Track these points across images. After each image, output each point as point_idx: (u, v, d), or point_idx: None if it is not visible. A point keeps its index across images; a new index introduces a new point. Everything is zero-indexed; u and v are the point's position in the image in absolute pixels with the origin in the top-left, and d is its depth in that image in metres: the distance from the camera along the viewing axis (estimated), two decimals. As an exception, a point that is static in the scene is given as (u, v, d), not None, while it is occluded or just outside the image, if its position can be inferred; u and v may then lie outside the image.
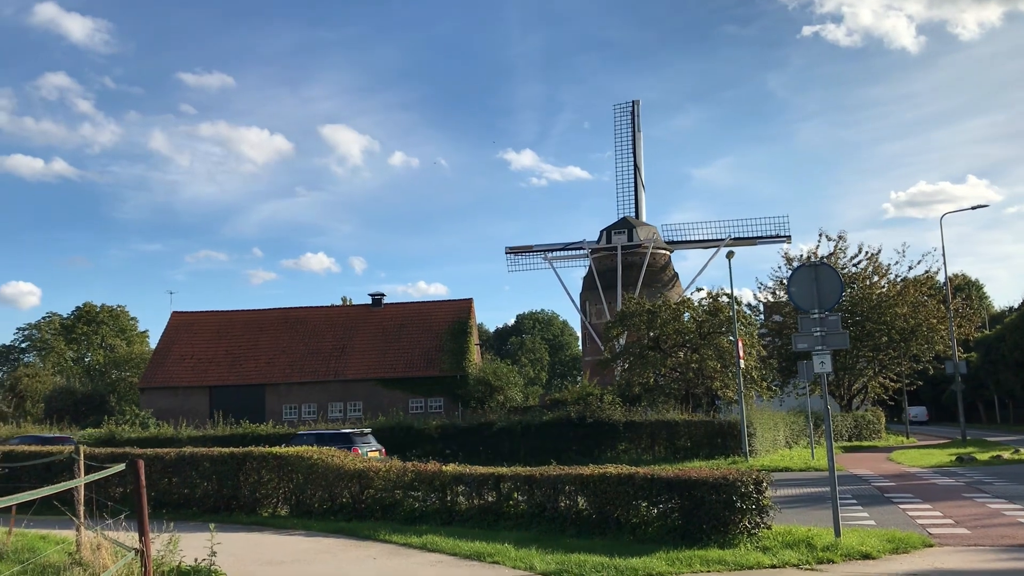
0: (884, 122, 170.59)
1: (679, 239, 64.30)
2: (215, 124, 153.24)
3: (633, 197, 65.17)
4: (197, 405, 50.62)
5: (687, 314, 38.43)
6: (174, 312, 58.90)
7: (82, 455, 11.56)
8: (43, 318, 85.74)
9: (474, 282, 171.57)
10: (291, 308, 58.71)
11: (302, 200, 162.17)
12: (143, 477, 8.07)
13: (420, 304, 59.67)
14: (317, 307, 59.64)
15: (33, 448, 21.42)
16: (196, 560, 8.96)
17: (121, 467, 9.18)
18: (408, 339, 54.35)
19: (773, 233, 61.51)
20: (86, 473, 10.96)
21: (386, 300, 58.52)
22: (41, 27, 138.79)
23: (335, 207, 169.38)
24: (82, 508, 11.13)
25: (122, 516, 10.19)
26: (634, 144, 65.56)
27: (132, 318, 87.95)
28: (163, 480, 17.64)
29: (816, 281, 12.72)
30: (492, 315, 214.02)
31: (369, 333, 55.20)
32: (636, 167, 65.28)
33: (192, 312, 58.89)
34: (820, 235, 52.20)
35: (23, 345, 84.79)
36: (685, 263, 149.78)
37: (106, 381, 66.43)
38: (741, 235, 61.78)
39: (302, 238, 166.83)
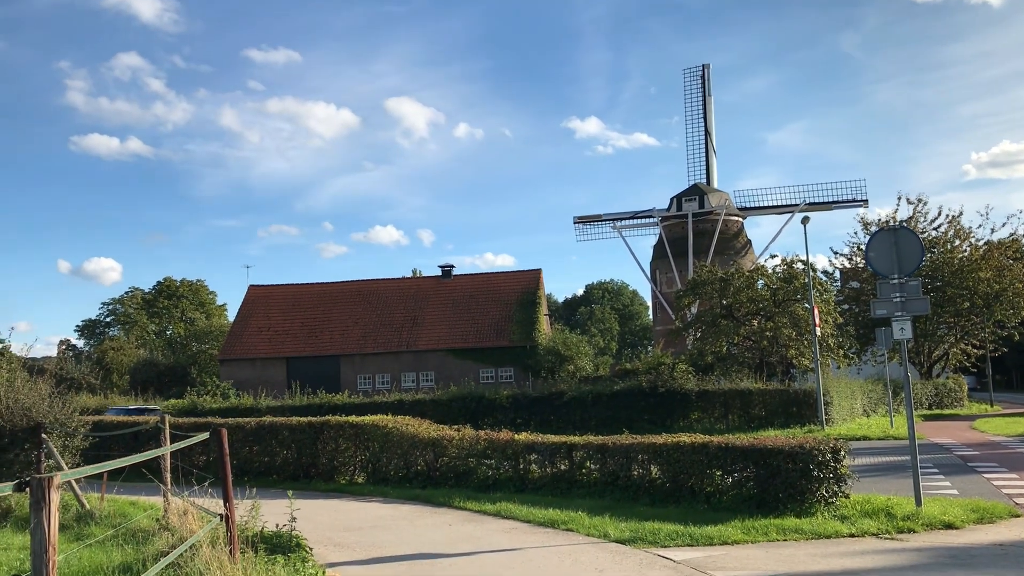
0: (964, 81, 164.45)
1: (752, 205, 63.15)
2: (282, 100, 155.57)
3: (704, 163, 64.14)
4: (274, 376, 51.87)
5: (761, 281, 37.83)
6: (251, 286, 60.30)
7: (167, 425, 11.97)
8: (126, 293, 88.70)
9: (541, 253, 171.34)
10: (363, 280, 59.53)
11: (371, 174, 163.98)
12: (226, 445, 8.30)
13: (489, 275, 59.90)
14: (388, 279, 60.37)
15: (121, 418, 22.24)
16: (277, 526, 9.21)
17: (205, 436, 9.46)
18: (478, 310, 54.69)
19: (849, 198, 59.94)
20: (171, 442, 11.34)
21: (455, 272, 58.93)
22: (112, 9, 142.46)
23: (403, 180, 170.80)
24: (168, 475, 11.55)
25: (206, 483, 10.53)
26: (705, 109, 64.39)
27: (211, 292, 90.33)
28: (244, 448, 18.17)
29: (895, 245, 12.36)
30: (561, 286, 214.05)
31: (439, 304, 55.69)
32: (707, 132, 64.15)
33: (268, 285, 60.18)
34: (899, 198, 50.78)
35: (108, 319, 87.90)
36: (758, 230, 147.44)
37: (187, 353, 68.40)
38: (816, 200, 60.33)
39: (371, 212, 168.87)
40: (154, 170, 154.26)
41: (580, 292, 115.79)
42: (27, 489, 3.97)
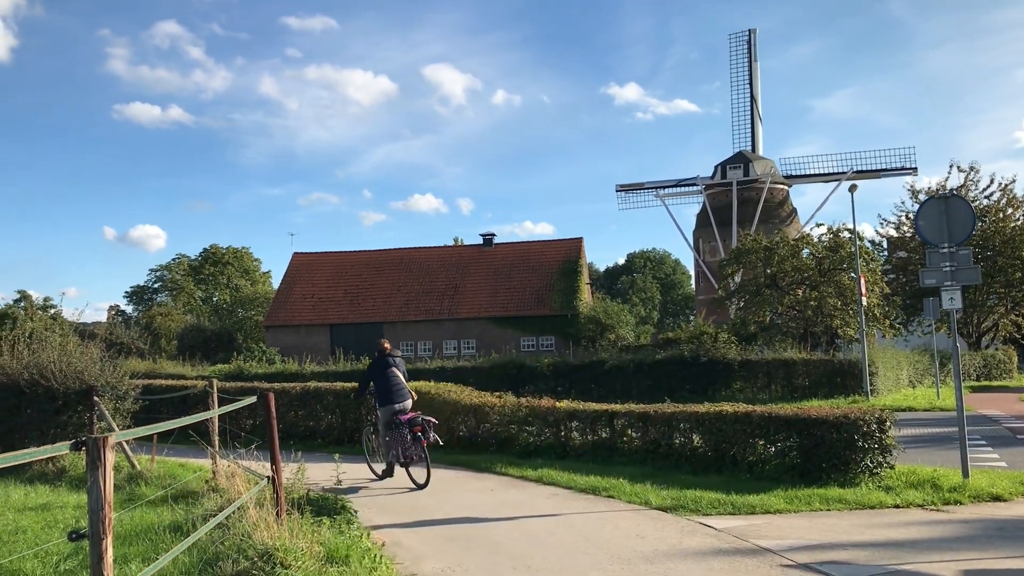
0: (1018, 46, 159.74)
1: (798, 173, 62.19)
2: (320, 67, 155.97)
3: (749, 130, 63.21)
4: (318, 342, 52.54)
5: (806, 250, 37.37)
6: (295, 253, 60.99)
7: (215, 389, 12.19)
8: (173, 260, 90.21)
9: (581, 221, 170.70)
10: (405, 249, 59.85)
11: (410, 142, 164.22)
12: (273, 409, 8.43)
13: (530, 243, 59.88)
14: (430, 247, 60.62)
15: (170, 382, 22.69)
16: (323, 488, 9.36)
17: (252, 399, 9.62)
18: (519, 278, 54.75)
19: (898, 165, 58.78)
20: (218, 406, 11.55)
21: (496, 240, 58.97)
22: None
23: (441, 148, 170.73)
24: (216, 438, 11.79)
25: (253, 446, 10.73)
26: (751, 75, 63.35)
27: (255, 259, 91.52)
28: (289, 413, 18.44)
29: (946, 214, 12.11)
30: (601, 254, 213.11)
31: (481, 272, 55.85)
32: (753, 99, 63.16)
33: (312, 253, 60.79)
34: (951, 166, 49.59)
35: (155, 285, 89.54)
36: (804, 198, 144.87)
37: (233, 319, 69.51)
38: (863, 168, 59.26)
39: (410, 180, 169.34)
40: (195, 138, 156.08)
41: (621, 261, 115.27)
42: (83, 449, 4.08)
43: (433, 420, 12.69)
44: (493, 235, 58.97)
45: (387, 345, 13.55)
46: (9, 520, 9.45)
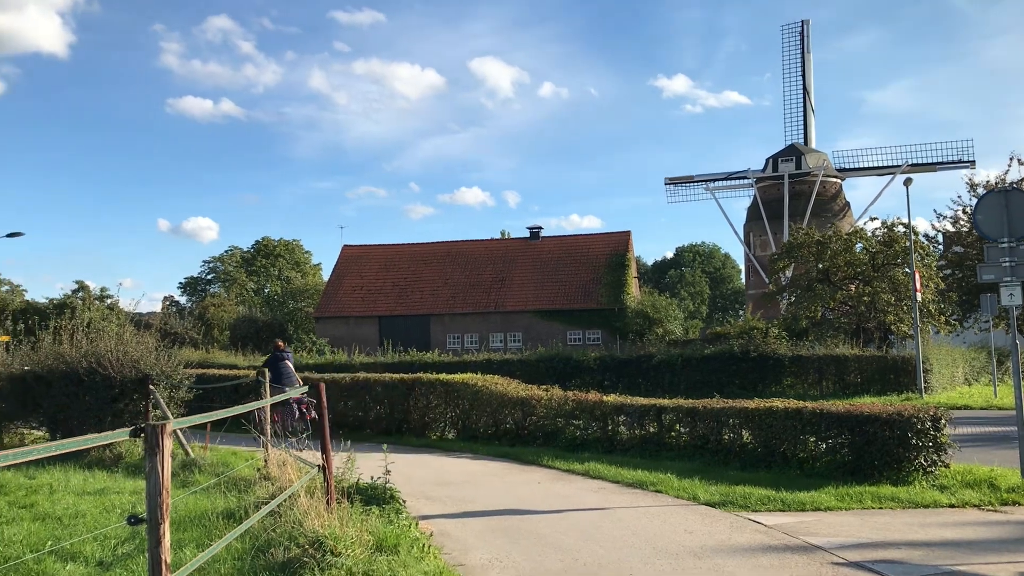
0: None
1: (851, 166, 61.09)
2: (368, 61, 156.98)
3: (802, 123, 62.21)
4: (367, 334, 53.00)
5: (859, 245, 36.75)
6: (345, 246, 61.54)
7: (267, 378, 12.37)
8: (226, 251, 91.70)
9: (628, 214, 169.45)
10: (452, 241, 60.09)
11: (457, 136, 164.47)
12: (324, 399, 8.54)
13: (577, 237, 59.70)
14: (477, 240, 60.77)
15: (222, 372, 23.10)
16: (372, 478, 9.46)
17: (304, 389, 9.76)
18: (566, 272, 54.64)
19: (955, 159, 57.37)
20: (270, 395, 11.73)
21: (543, 233, 58.92)
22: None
23: (488, 141, 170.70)
24: (268, 427, 11.96)
25: (304, 435, 10.89)
26: (803, 66, 62.32)
27: (306, 251, 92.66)
28: (339, 403, 18.67)
29: (1006, 208, 11.81)
30: (649, 248, 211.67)
31: (527, 266, 55.85)
32: (805, 91, 62.15)
33: (361, 246, 61.32)
34: (1011, 159, 48.14)
35: (209, 277, 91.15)
36: (857, 192, 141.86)
37: (284, 310, 70.42)
38: (919, 161, 57.96)
39: (457, 173, 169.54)
40: (247, 131, 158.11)
41: (670, 255, 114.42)
42: (142, 435, 4.17)
43: (313, 400, 13.35)
44: (540, 228, 58.92)
45: (281, 344, 17.31)
46: (69, 504, 9.71)
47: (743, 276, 76.16)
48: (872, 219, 38.80)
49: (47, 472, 11.80)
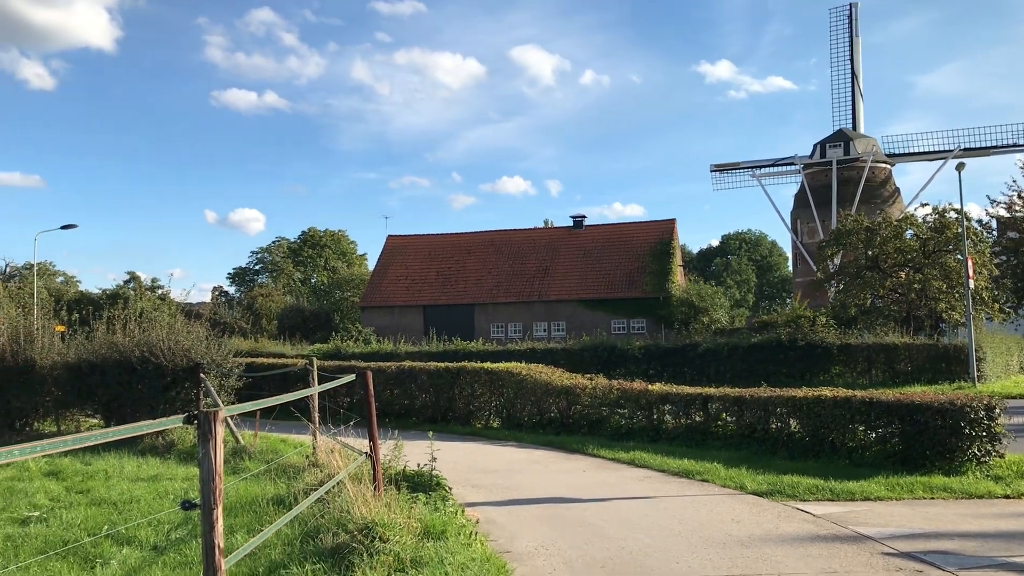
0: None
1: (901, 151, 59.96)
2: (410, 51, 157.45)
3: (850, 108, 61.15)
4: (412, 323, 53.36)
5: (910, 231, 36.10)
6: (389, 236, 62.03)
7: (315, 367, 12.52)
8: (273, 242, 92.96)
9: (673, 202, 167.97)
10: (496, 231, 60.18)
11: (498, 125, 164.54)
12: (371, 387, 8.62)
13: (621, 225, 59.41)
14: (520, 230, 60.80)
15: (271, 360, 23.42)
16: (419, 465, 9.54)
17: (351, 378, 9.86)
18: (610, 260, 54.43)
19: (1009, 142, 56.01)
20: (318, 384, 11.86)
21: (586, 222, 58.71)
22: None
23: (530, 130, 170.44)
24: (316, 415, 12.11)
25: (351, 423, 11.00)
26: (851, 51, 61.21)
27: (351, 242, 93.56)
28: (385, 391, 18.83)
29: (1064, 192, 11.52)
30: (694, 236, 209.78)
31: (571, 255, 55.74)
32: (854, 75, 61.05)
33: (405, 236, 61.68)
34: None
35: (256, 267, 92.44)
36: (907, 178, 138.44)
37: (330, 300, 71.10)
38: (971, 145, 56.70)
39: (499, 162, 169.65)
40: (291, 123, 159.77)
41: (715, 243, 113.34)
42: (195, 422, 4.25)
43: None
44: (584, 217, 58.73)
45: None
46: (124, 489, 9.94)
47: (790, 264, 75.30)
48: (923, 205, 37.99)
49: (102, 459, 12.08)
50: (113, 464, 11.76)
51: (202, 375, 14.00)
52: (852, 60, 61.19)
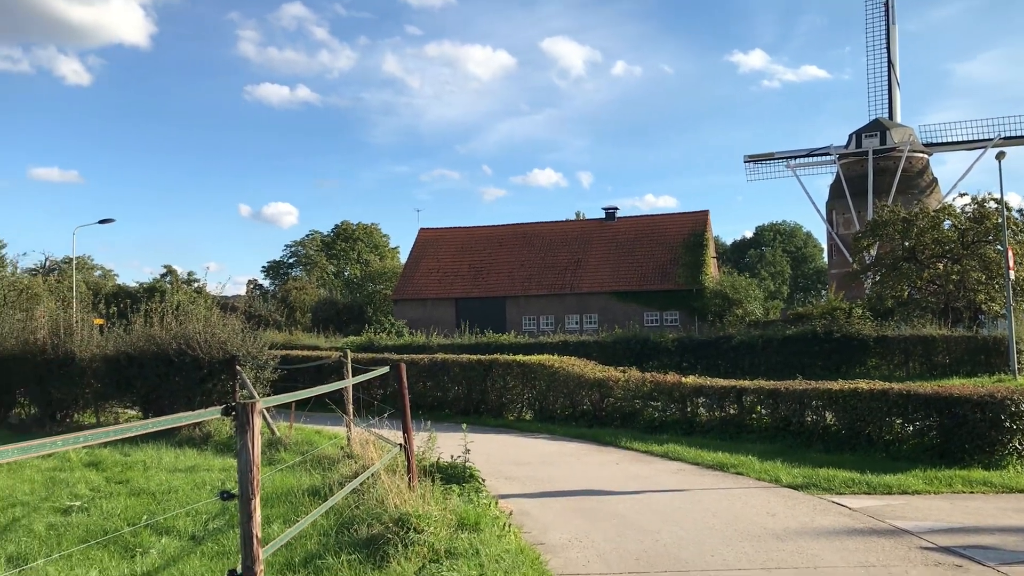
0: None
1: (939, 140, 59.06)
2: (440, 44, 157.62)
3: (886, 97, 60.31)
4: (444, 315, 53.53)
5: (948, 222, 35.58)
6: (421, 229, 62.18)
7: (349, 359, 12.60)
8: (306, 236, 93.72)
9: (705, 194, 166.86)
10: (528, 223, 60.13)
11: (529, 117, 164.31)
12: (405, 379, 8.66)
13: (654, 217, 59.12)
14: (552, 222, 60.68)
15: (305, 352, 23.61)
16: (452, 457, 9.57)
17: (385, 370, 9.92)
18: (642, 252, 54.18)
19: (1052, 131, 54.97)
20: (352, 376, 11.94)
21: (618, 214, 58.47)
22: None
23: (561, 122, 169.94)
24: (351, 407, 12.20)
25: (385, 415, 11.07)
26: (888, 38, 60.31)
27: (384, 235, 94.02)
28: (418, 384, 18.91)
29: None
30: (727, 227, 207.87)
31: (603, 247, 55.55)
32: (890, 64, 60.15)
33: (437, 228, 61.86)
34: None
35: (290, 260, 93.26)
36: (945, 167, 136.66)
37: (363, 293, 71.57)
38: (1012, 134, 55.69)
39: (530, 154, 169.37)
40: (323, 117, 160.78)
41: (749, 234, 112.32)
42: (233, 414, 4.30)
43: None
44: (616, 209, 58.47)
45: None
46: (162, 480, 10.08)
47: (825, 255, 74.45)
48: (961, 195, 37.41)
49: (140, 450, 12.26)
50: (151, 455, 11.93)
51: (238, 367, 14.17)
52: (888, 48, 60.31)
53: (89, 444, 4.26)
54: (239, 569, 4.23)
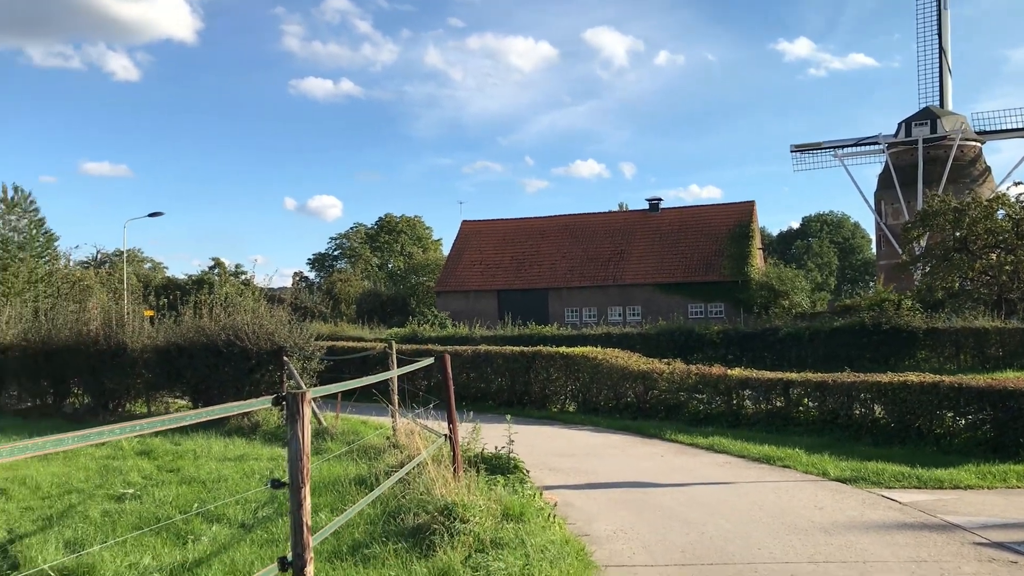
0: None
1: (992, 128, 57.72)
2: (482, 36, 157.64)
3: (937, 84, 59.04)
4: (486, 307, 53.62)
5: (1001, 211, 34.82)
6: (464, 221, 62.34)
7: (394, 350, 12.70)
8: (351, 228, 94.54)
9: (750, 184, 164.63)
10: (570, 215, 59.94)
11: (571, 108, 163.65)
12: (449, 370, 8.71)
13: (698, 208, 58.57)
14: (595, 213, 60.43)
15: (351, 344, 23.84)
16: (496, 448, 9.61)
17: (430, 361, 9.99)
18: (687, 244, 53.74)
19: (1111, 117, 53.47)
20: (396, 367, 12.03)
21: (662, 205, 58.03)
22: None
23: (603, 113, 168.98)
24: (396, 397, 12.30)
25: (430, 405, 11.14)
26: (939, 24, 59.01)
27: (427, 227, 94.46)
28: (462, 375, 19.01)
29: None
30: (773, 218, 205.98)
31: (647, 238, 55.20)
32: (942, 50, 58.86)
33: (480, 221, 61.96)
34: None
35: (335, 253, 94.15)
36: (999, 156, 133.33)
37: (407, 285, 72.00)
38: (1070, 121, 54.30)
39: (572, 145, 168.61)
40: (366, 110, 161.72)
41: (795, 225, 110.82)
42: (283, 403, 4.36)
43: None
44: (660, 200, 58.03)
45: None
46: (212, 469, 10.26)
47: (874, 246, 73.31)
48: (1016, 184, 36.62)
49: (191, 439, 12.48)
50: (201, 444, 12.14)
51: (285, 358, 14.35)
52: (940, 35, 59.02)
53: (144, 433, 4.36)
54: (289, 556, 4.29)
